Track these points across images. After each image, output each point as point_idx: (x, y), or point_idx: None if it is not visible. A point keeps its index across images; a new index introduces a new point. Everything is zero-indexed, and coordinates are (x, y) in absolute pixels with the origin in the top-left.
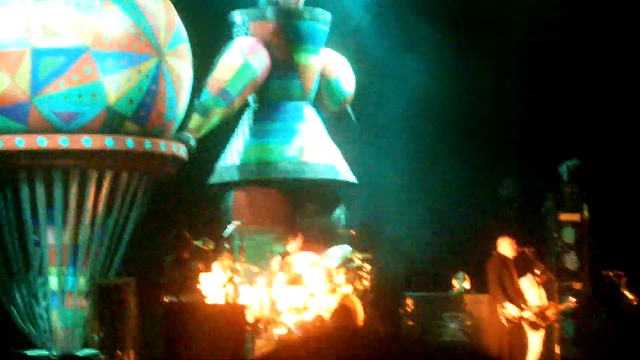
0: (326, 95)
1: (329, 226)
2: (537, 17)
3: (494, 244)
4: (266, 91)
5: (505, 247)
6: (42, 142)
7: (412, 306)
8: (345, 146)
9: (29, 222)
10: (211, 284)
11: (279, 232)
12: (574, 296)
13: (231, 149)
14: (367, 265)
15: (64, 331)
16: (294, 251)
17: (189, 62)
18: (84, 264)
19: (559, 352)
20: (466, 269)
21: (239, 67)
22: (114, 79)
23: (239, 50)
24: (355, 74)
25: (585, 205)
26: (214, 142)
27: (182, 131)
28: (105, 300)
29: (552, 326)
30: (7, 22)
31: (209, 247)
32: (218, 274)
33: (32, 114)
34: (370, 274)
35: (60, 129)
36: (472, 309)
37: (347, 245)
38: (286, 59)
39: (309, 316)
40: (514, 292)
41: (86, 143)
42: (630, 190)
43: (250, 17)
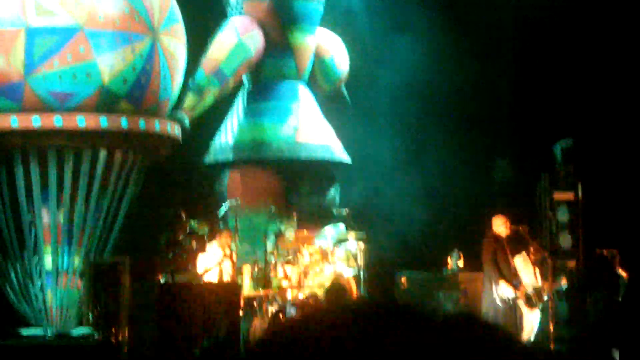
0: (320, 75)
1: (323, 205)
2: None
3: (488, 222)
4: (260, 71)
5: (499, 226)
6: (36, 121)
7: (406, 285)
8: (339, 126)
9: (23, 202)
10: (208, 261)
11: (273, 211)
12: (567, 275)
13: (225, 129)
14: (361, 244)
15: (59, 310)
16: (289, 230)
17: (183, 41)
18: (78, 244)
19: (552, 332)
20: (460, 247)
21: (233, 47)
22: (108, 58)
23: (233, 29)
24: (349, 55)
25: (579, 184)
26: (208, 122)
27: (176, 110)
28: (99, 279)
29: (546, 305)
30: (1, 2)
31: (203, 228)
32: (216, 252)
33: (27, 93)
34: (364, 253)
35: (55, 109)
36: (467, 287)
37: (341, 224)
38: (280, 38)
39: (303, 295)
40: (508, 271)
41: (80, 122)
42: (624, 169)
43: None
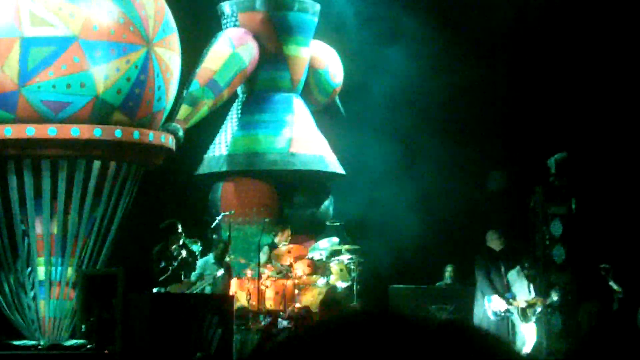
0: (315, 87)
1: (317, 217)
2: (524, 8)
3: (482, 236)
4: (255, 82)
5: (493, 240)
6: (30, 131)
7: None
8: (333, 138)
9: (16, 212)
10: (205, 272)
11: (267, 223)
12: (561, 289)
13: (219, 140)
14: (355, 257)
15: (52, 321)
16: (282, 243)
17: (177, 52)
18: (71, 254)
19: (545, 345)
20: (454, 261)
21: (227, 58)
22: (102, 68)
23: (227, 41)
24: (343, 65)
25: (573, 198)
26: (202, 133)
27: (170, 122)
28: (92, 290)
29: (540, 319)
30: None
31: (196, 244)
32: (213, 264)
33: (21, 103)
34: (357, 266)
35: (49, 119)
36: (460, 301)
37: (335, 236)
38: (275, 50)
39: (296, 308)
40: (501, 285)
41: (74, 133)
42: (618, 183)
43: (239, 7)
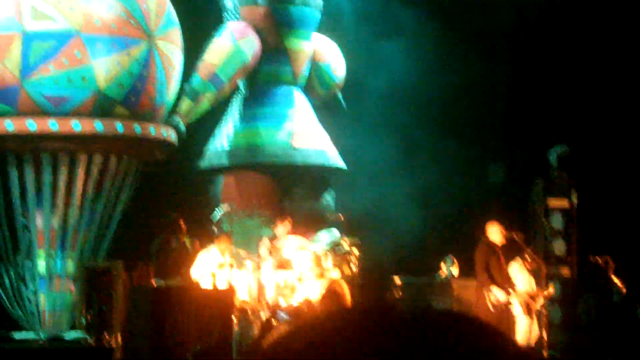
0: (316, 81)
1: (317, 211)
2: (523, 2)
3: (482, 229)
4: (256, 76)
5: (494, 233)
6: (31, 125)
7: (400, 290)
8: (334, 131)
9: (17, 206)
10: (206, 266)
11: (267, 216)
12: (561, 282)
13: (221, 134)
14: (356, 250)
15: (52, 314)
16: (282, 235)
17: (179, 46)
18: (72, 248)
19: (546, 338)
20: (454, 254)
21: (229, 52)
22: (104, 63)
23: (229, 35)
24: (345, 59)
25: (573, 191)
26: (203, 127)
27: (172, 115)
28: (93, 283)
29: (540, 312)
30: None
31: (194, 244)
32: (215, 257)
33: (22, 97)
34: (358, 259)
35: (50, 113)
36: (460, 294)
37: (335, 230)
38: (277, 44)
39: (297, 301)
40: (501, 278)
41: (76, 127)
42: (618, 176)
43: (241, 1)
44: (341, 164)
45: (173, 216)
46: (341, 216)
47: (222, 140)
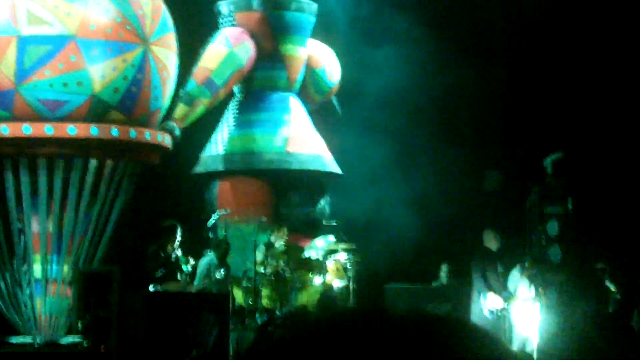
0: (311, 86)
1: (313, 217)
2: (520, 7)
3: (479, 236)
4: (252, 81)
5: (490, 240)
6: (27, 130)
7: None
8: (330, 137)
9: (13, 210)
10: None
11: (263, 221)
12: (557, 289)
13: (216, 139)
14: (351, 256)
15: (48, 319)
16: (279, 241)
17: (174, 51)
18: (68, 252)
19: (542, 345)
20: (450, 260)
21: (224, 57)
22: (99, 67)
23: (224, 40)
24: (340, 64)
25: (569, 198)
26: (199, 132)
27: (167, 120)
28: (89, 288)
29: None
30: None
31: (188, 261)
32: (211, 264)
33: (18, 101)
34: (354, 265)
35: (46, 117)
36: (456, 300)
37: (331, 235)
38: (272, 49)
39: (292, 307)
40: (497, 284)
41: (71, 131)
42: (615, 183)
43: (237, 7)
44: (337, 169)
45: (171, 224)
46: (337, 222)
47: (218, 145)
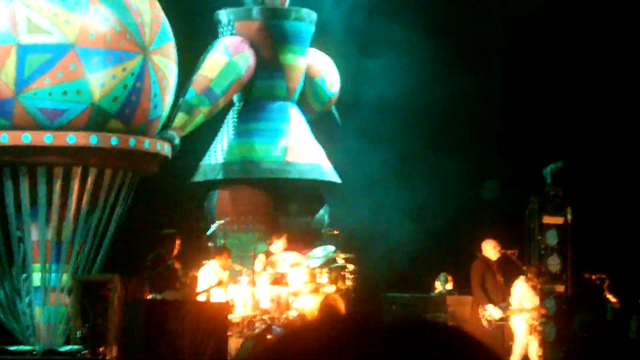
0: (311, 95)
1: (312, 226)
2: (519, 16)
3: (477, 245)
4: (251, 91)
5: (489, 250)
6: (26, 138)
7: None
8: (328, 146)
9: (12, 219)
10: (207, 280)
11: (262, 231)
12: (556, 299)
13: (215, 148)
14: (350, 266)
15: (47, 327)
16: (278, 251)
17: (174, 60)
18: (67, 261)
19: (541, 355)
20: (449, 269)
21: (223, 66)
22: (99, 76)
23: (224, 49)
24: (338, 73)
25: (568, 208)
26: (198, 141)
27: (166, 129)
28: (88, 296)
29: (535, 329)
30: None
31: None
32: (212, 272)
33: (17, 110)
34: (353, 274)
35: (45, 126)
36: (455, 310)
37: (330, 245)
38: (271, 58)
39: (291, 316)
40: (496, 295)
41: (70, 140)
42: (613, 193)
43: (236, 16)
44: (336, 178)
45: (169, 232)
46: (336, 231)
47: (217, 154)
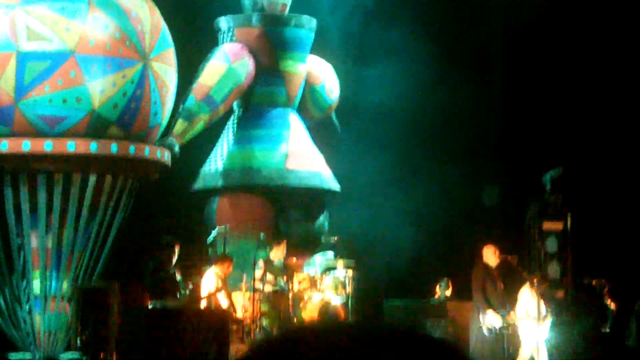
0: (311, 102)
1: (312, 233)
2: (518, 23)
3: (477, 251)
4: (251, 97)
5: (490, 256)
6: (26, 146)
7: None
8: (328, 153)
9: (12, 226)
10: (207, 287)
11: (262, 238)
12: (556, 305)
13: (215, 155)
14: (350, 272)
15: (47, 335)
16: (278, 257)
17: (174, 67)
18: (67, 268)
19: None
20: (449, 275)
21: (223, 73)
22: (98, 83)
23: (223, 56)
24: (338, 80)
25: (568, 214)
26: (198, 148)
27: (166, 136)
28: (88, 304)
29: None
30: None
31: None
32: (212, 280)
33: (17, 117)
34: (352, 281)
35: (45, 133)
36: (455, 316)
37: (330, 252)
38: (271, 65)
39: (291, 322)
40: (496, 301)
41: (70, 147)
42: (612, 199)
43: (236, 23)
44: (335, 186)
45: (169, 239)
46: (336, 238)
47: (217, 161)
